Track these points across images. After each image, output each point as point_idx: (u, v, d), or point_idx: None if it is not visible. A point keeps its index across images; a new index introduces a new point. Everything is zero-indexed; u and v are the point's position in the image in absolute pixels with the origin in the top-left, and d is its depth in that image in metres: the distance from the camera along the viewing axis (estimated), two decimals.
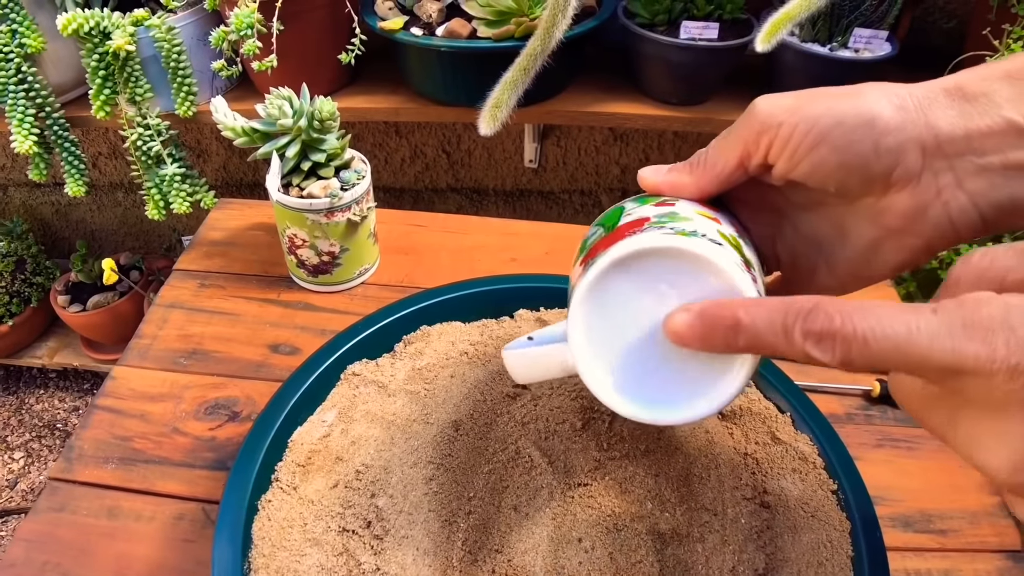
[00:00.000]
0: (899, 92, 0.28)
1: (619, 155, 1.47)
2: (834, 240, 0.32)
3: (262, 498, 0.40)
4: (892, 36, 0.99)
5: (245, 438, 0.51)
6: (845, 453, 0.42)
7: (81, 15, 0.89)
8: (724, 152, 0.31)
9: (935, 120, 0.27)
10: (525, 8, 0.89)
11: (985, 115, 0.27)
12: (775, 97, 0.30)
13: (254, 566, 0.37)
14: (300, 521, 0.39)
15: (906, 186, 0.28)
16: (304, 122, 0.59)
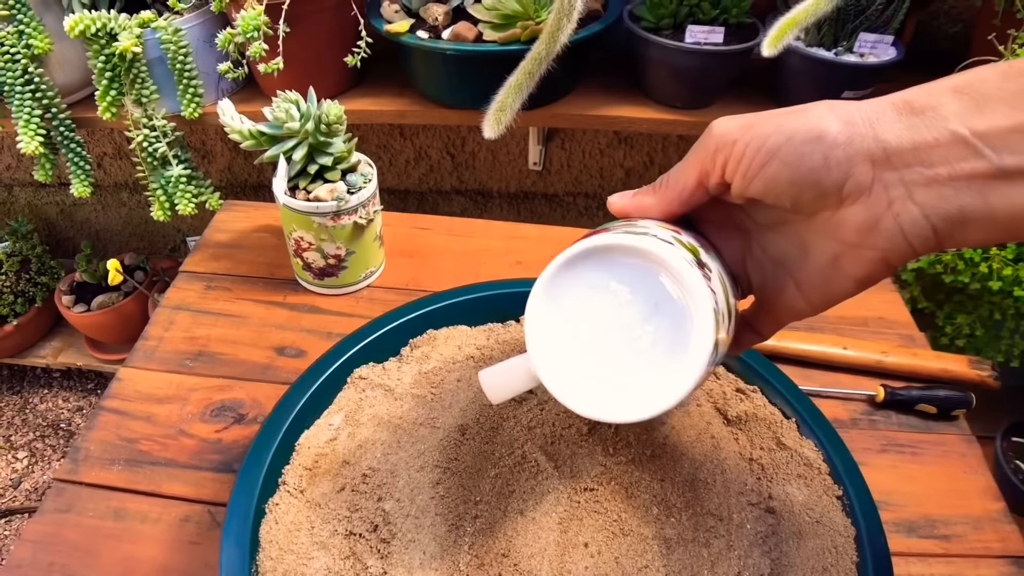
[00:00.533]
0: (847, 108, 0.29)
1: (623, 158, 1.47)
2: (798, 257, 0.32)
3: (269, 501, 0.40)
4: (897, 41, 0.99)
5: (252, 441, 0.52)
6: (850, 458, 0.42)
7: (88, 17, 0.90)
8: (684, 173, 0.33)
9: (883, 133, 0.28)
10: (531, 12, 0.89)
11: (932, 128, 0.27)
12: (731, 118, 0.32)
13: (262, 569, 0.37)
14: (307, 524, 0.39)
15: (858, 199, 0.29)
16: (311, 125, 0.59)
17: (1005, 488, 1.17)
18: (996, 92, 0.27)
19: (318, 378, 0.45)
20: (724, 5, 0.98)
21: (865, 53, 0.97)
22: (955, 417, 0.62)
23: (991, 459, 1.22)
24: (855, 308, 0.70)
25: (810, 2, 0.70)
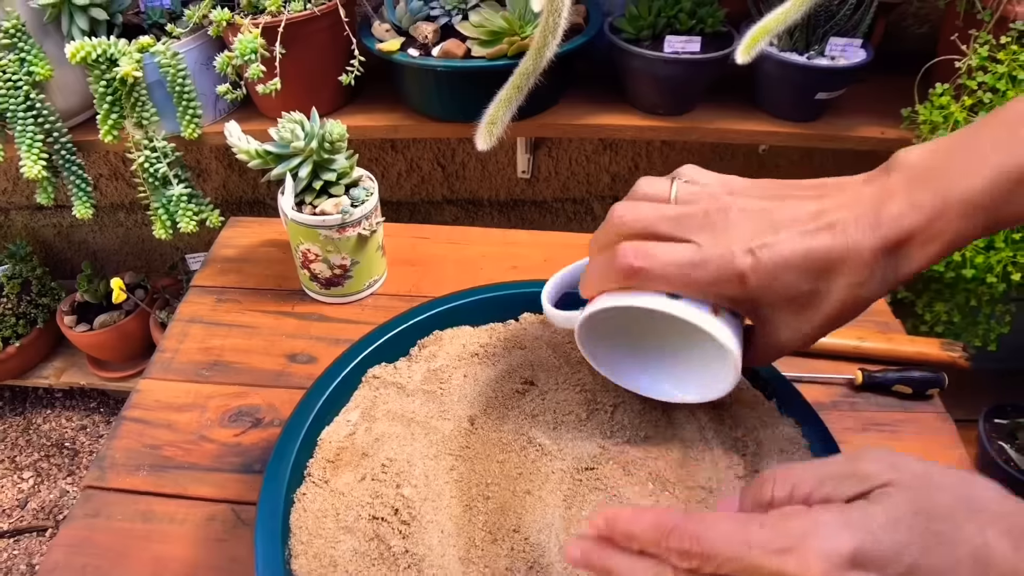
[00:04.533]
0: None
1: (609, 163, 1.51)
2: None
3: (297, 492, 0.43)
4: (867, 43, 1.04)
5: (274, 441, 0.55)
6: (826, 432, 0.46)
7: (89, 43, 0.93)
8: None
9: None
10: (517, 28, 0.94)
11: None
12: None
13: (294, 552, 0.40)
14: (333, 511, 0.42)
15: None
16: (315, 144, 0.63)
17: (990, 469, 1.21)
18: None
19: (335, 379, 0.49)
20: (700, 15, 1.02)
21: (836, 56, 1.01)
22: (930, 396, 0.66)
23: (975, 442, 1.26)
24: None
25: (781, 9, 0.74)
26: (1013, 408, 1.30)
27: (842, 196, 0.36)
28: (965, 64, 0.94)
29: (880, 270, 0.34)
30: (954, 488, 0.27)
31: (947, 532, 0.26)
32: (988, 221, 0.33)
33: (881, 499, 0.27)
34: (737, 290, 0.36)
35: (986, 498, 0.27)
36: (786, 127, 1.09)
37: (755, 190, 0.38)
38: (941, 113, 0.94)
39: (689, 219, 0.36)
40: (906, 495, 0.27)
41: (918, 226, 0.34)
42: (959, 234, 0.34)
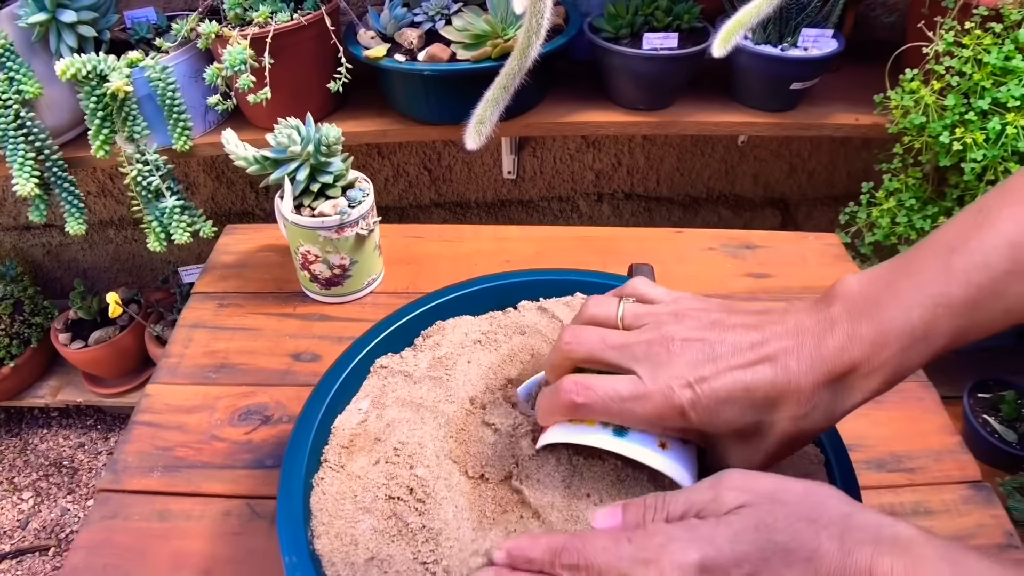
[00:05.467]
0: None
1: (592, 161, 1.54)
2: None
3: (315, 477, 0.45)
4: (838, 33, 1.08)
5: (288, 434, 0.57)
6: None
7: (79, 60, 0.95)
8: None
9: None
10: (499, 31, 0.96)
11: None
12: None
13: (316, 532, 0.42)
14: (351, 493, 0.44)
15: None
16: (311, 147, 0.65)
17: (975, 442, 1.25)
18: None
19: (344, 370, 0.51)
20: (676, 12, 1.05)
21: (809, 47, 1.05)
22: None
23: (960, 417, 1.30)
24: (818, 280, 0.77)
25: (754, 4, 0.77)
26: (995, 382, 1.34)
27: (783, 326, 0.36)
28: (932, 50, 0.97)
29: (822, 403, 0.35)
30: (797, 503, 0.32)
31: (784, 542, 0.30)
32: (927, 351, 0.34)
33: (730, 518, 0.31)
34: (680, 423, 0.36)
35: (825, 507, 0.31)
36: (763, 117, 1.12)
37: (701, 315, 0.38)
38: (912, 98, 0.98)
39: (632, 349, 0.37)
40: (752, 512, 0.31)
41: (859, 359, 0.34)
42: (900, 366, 0.34)
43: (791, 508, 0.31)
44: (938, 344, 0.34)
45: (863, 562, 0.29)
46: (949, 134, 0.92)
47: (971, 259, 0.34)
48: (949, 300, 0.34)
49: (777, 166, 1.54)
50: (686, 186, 1.58)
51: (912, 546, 0.29)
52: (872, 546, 0.29)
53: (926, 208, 1.01)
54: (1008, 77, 0.90)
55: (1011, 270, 0.33)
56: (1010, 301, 0.33)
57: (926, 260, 0.35)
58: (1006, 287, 0.33)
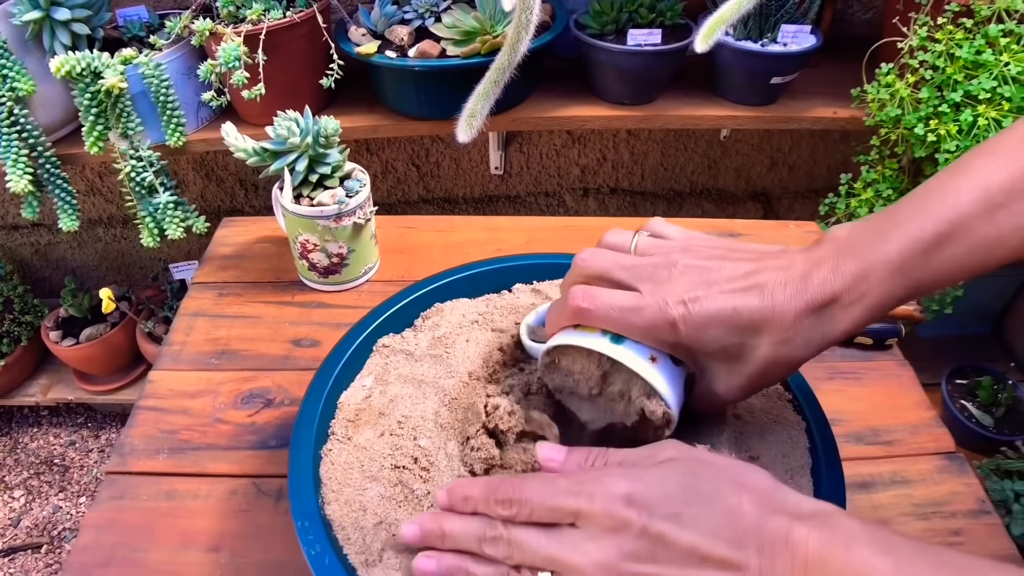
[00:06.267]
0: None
1: (578, 156, 1.57)
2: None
3: (323, 448, 0.47)
4: (816, 29, 1.11)
5: (290, 415, 0.59)
6: (797, 374, 0.51)
7: (73, 58, 0.96)
8: None
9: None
10: (488, 27, 0.98)
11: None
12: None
13: (326, 500, 0.44)
14: (358, 464, 0.46)
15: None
16: (310, 139, 0.67)
17: (954, 426, 1.29)
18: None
19: (348, 349, 0.53)
20: (660, 9, 1.08)
21: (788, 42, 1.08)
22: (889, 346, 0.72)
23: (939, 402, 1.34)
24: None
25: (735, 1, 0.80)
26: (972, 368, 1.38)
27: (777, 261, 0.39)
28: (907, 45, 1.01)
29: (804, 331, 0.38)
30: (723, 469, 0.35)
31: (708, 492, 0.33)
32: (907, 284, 0.37)
33: (662, 466, 0.35)
34: (671, 337, 0.39)
35: (751, 478, 0.34)
36: (744, 111, 1.15)
37: (707, 250, 0.41)
38: (888, 91, 1.01)
39: (639, 270, 0.41)
40: (681, 466, 0.35)
41: (840, 290, 0.37)
42: (879, 298, 0.37)
43: (718, 471, 0.35)
44: (914, 277, 0.37)
45: (780, 528, 0.32)
46: (924, 126, 0.96)
47: (943, 200, 0.37)
48: (922, 235, 0.37)
49: (759, 160, 1.58)
50: (670, 180, 1.61)
51: (830, 519, 0.32)
52: (790, 516, 0.32)
53: (903, 198, 1.04)
54: (979, 70, 0.94)
55: (977, 212, 0.36)
56: (976, 239, 0.36)
57: (906, 206, 0.39)
58: (973, 224, 0.36)
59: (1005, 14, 0.94)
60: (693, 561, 0.32)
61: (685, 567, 0.32)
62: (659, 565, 0.33)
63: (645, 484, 0.34)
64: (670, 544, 0.32)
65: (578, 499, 0.34)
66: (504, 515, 0.36)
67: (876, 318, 0.38)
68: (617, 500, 0.33)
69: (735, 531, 0.32)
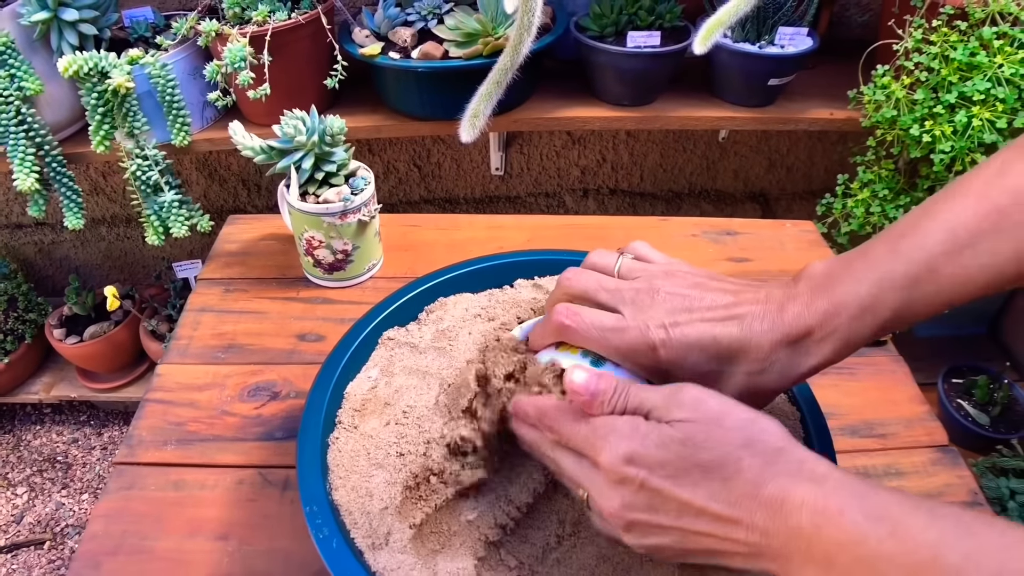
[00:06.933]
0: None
1: (578, 157, 1.58)
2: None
3: (330, 437, 0.49)
4: (813, 32, 1.13)
5: (297, 407, 0.60)
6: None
7: (80, 57, 0.97)
8: None
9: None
10: (490, 29, 1.00)
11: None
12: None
13: (334, 485, 0.46)
14: (364, 451, 0.48)
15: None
16: (316, 138, 0.68)
17: (950, 425, 1.30)
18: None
19: (354, 341, 0.54)
20: (659, 11, 1.10)
21: (785, 45, 1.09)
22: (884, 342, 0.73)
23: (936, 401, 1.35)
24: (794, 264, 0.82)
25: (733, 3, 0.81)
26: (968, 368, 1.39)
27: (755, 294, 0.41)
28: (902, 47, 1.02)
29: (779, 362, 0.39)
30: (735, 429, 0.35)
31: (706, 460, 0.34)
32: (874, 323, 0.39)
33: (669, 427, 0.35)
34: (650, 360, 0.40)
35: (761, 438, 0.35)
36: (742, 112, 1.17)
37: (688, 277, 0.43)
38: (883, 93, 1.02)
39: (622, 293, 0.42)
40: (688, 428, 0.35)
41: (813, 325, 0.39)
42: (851, 334, 0.39)
43: (726, 433, 0.35)
44: (884, 316, 0.39)
45: (777, 492, 0.33)
46: (919, 127, 0.97)
47: (913, 241, 0.39)
48: (892, 276, 0.38)
49: (757, 161, 1.59)
50: (669, 181, 1.63)
51: (827, 480, 0.33)
52: (790, 478, 0.33)
53: (899, 198, 1.06)
54: (973, 72, 0.95)
55: (944, 251, 0.38)
56: (943, 279, 0.38)
57: (878, 245, 0.40)
58: (940, 265, 0.38)
59: (999, 17, 0.96)
60: (689, 513, 0.34)
61: (682, 517, 0.35)
62: (658, 515, 0.35)
63: (645, 446, 0.35)
64: (667, 498, 0.35)
65: (593, 449, 0.37)
66: (550, 438, 0.40)
67: (847, 353, 0.40)
68: (619, 459, 0.35)
69: (731, 494, 0.33)
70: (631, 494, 0.35)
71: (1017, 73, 0.91)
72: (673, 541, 0.36)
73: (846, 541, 0.31)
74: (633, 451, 0.35)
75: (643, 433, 0.36)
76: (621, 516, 0.36)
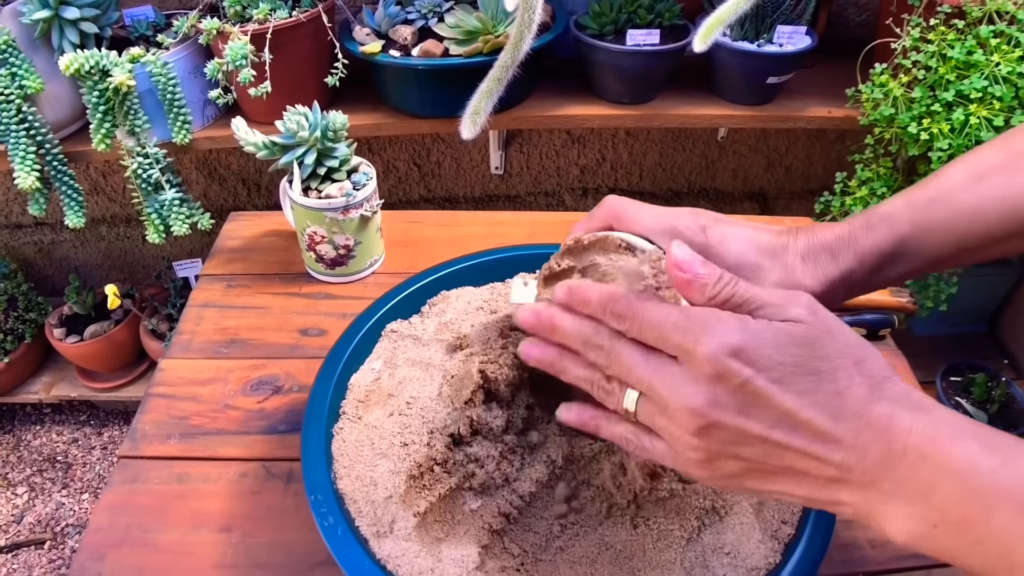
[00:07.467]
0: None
1: (578, 156, 1.59)
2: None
3: (335, 427, 0.49)
4: (811, 30, 1.13)
5: (300, 401, 0.61)
6: None
7: (82, 56, 0.97)
8: None
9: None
10: (490, 27, 1.00)
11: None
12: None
13: (338, 475, 0.46)
14: (368, 441, 0.48)
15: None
16: (319, 133, 0.69)
17: None
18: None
19: (358, 333, 0.54)
20: (658, 10, 1.10)
21: (784, 43, 1.10)
22: (883, 337, 0.74)
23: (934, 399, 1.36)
24: None
25: (732, 2, 0.82)
26: (966, 366, 1.40)
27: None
28: (900, 46, 1.03)
29: (810, 263, 0.42)
30: (846, 346, 0.33)
31: (821, 369, 0.32)
32: (893, 235, 0.42)
33: (784, 325, 0.33)
34: (700, 238, 0.42)
35: (872, 360, 0.33)
36: (741, 110, 1.17)
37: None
38: (882, 91, 1.03)
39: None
40: (806, 330, 0.33)
41: (840, 231, 0.43)
42: (870, 243, 0.42)
43: (842, 347, 0.33)
44: (901, 230, 0.41)
45: (884, 414, 0.31)
46: (917, 125, 0.98)
47: (936, 177, 0.43)
48: (911, 196, 0.43)
49: (756, 160, 1.60)
50: (668, 181, 1.63)
51: (935, 410, 0.31)
52: (897, 404, 0.31)
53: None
54: (970, 71, 0.96)
55: (962, 183, 0.42)
56: (958, 205, 0.42)
57: (910, 188, 0.44)
58: (956, 193, 0.42)
59: (996, 15, 0.96)
60: (785, 424, 0.32)
61: (775, 428, 0.32)
62: (748, 420, 0.32)
63: (759, 341, 0.32)
64: (767, 404, 0.32)
65: (685, 337, 0.33)
66: (615, 327, 0.36)
67: (866, 263, 0.41)
68: (725, 349, 0.32)
69: (838, 408, 0.31)
70: (726, 392, 0.32)
71: (1014, 71, 0.92)
72: (753, 456, 0.33)
73: (953, 471, 0.29)
74: (744, 344, 0.32)
75: (755, 329, 0.33)
76: (703, 415, 0.32)
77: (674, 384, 0.33)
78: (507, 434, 0.48)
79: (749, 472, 0.34)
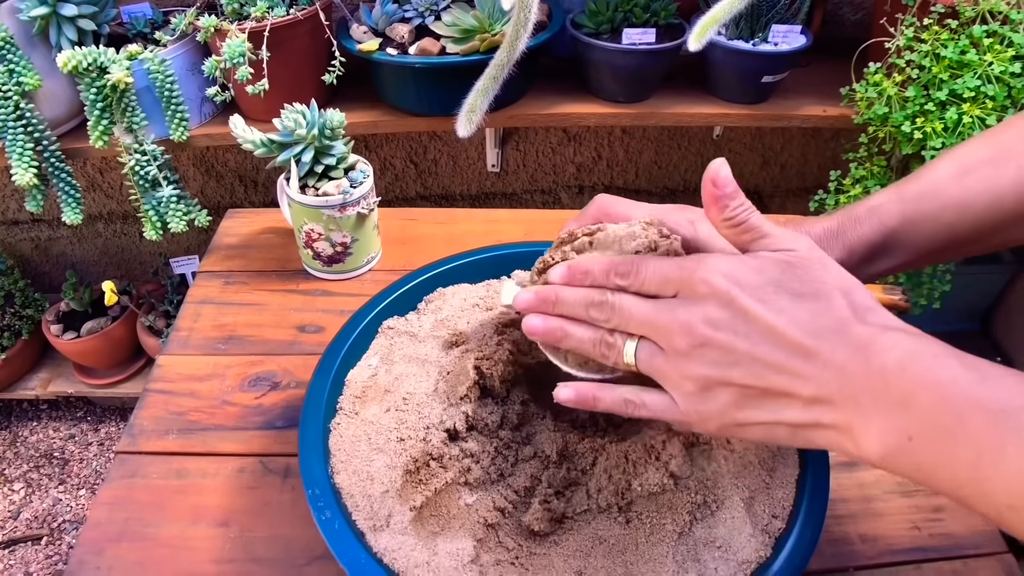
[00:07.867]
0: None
1: (574, 154, 1.59)
2: None
3: (332, 422, 0.50)
4: (806, 29, 1.14)
5: (297, 397, 0.61)
6: None
7: (80, 52, 0.98)
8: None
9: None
10: (487, 26, 1.01)
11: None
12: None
13: (335, 469, 0.46)
14: (365, 436, 0.49)
15: None
16: (316, 131, 0.69)
17: None
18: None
19: (354, 330, 0.55)
20: (654, 9, 1.11)
21: (779, 42, 1.11)
22: None
23: None
24: None
25: (727, 1, 0.82)
26: None
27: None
28: (894, 45, 1.04)
29: (826, 244, 0.44)
30: (835, 279, 0.35)
31: (803, 292, 0.34)
32: (882, 227, 0.43)
33: (779, 254, 0.36)
34: (690, 228, 0.43)
35: (857, 291, 0.35)
36: (736, 109, 1.18)
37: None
38: (876, 90, 1.04)
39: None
40: (797, 258, 0.36)
41: (828, 224, 0.45)
42: (858, 235, 0.44)
43: (832, 277, 0.35)
44: (890, 224, 0.43)
45: (864, 333, 0.33)
46: (910, 124, 0.98)
47: (926, 169, 0.45)
48: (900, 189, 0.44)
49: (751, 159, 1.60)
50: (664, 179, 1.64)
51: (920, 336, 0.33)
52: (881, 328, 0.33)
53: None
54: (964, 70, 0.97)
55: (951, 175, 0.43)
56: (946, 197, 0.43)
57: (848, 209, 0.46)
58: (945, 185, 0.43)
59: (989, 15, 0.97)
60: (767, 340, 0.34)
61: (759, 344, 0.34)
62: (734, 336, 0.34)
63: (749, 267, 0.35)
64: (751, 320, 0.34)
65: (682, 271, 0.36)
66: (619, 284, 0.39)
67: (857, 259, 0.43)
68: (716, 272, 0.35)
69: (817, 325, 0.33)
70: (716, 309, 0.35)
71: (1006, 71, 0.92)
72: (741, 379, 0.34)
73: (932, 382, 0.30)
74: (735, 268, 0.35)
75: (743, 259, 0.36)
76: (696, 333, 0.35)
77: (672, 311, 0.36)
78: (502, 429, 0.49)
79: (740, 401, 0.35)
